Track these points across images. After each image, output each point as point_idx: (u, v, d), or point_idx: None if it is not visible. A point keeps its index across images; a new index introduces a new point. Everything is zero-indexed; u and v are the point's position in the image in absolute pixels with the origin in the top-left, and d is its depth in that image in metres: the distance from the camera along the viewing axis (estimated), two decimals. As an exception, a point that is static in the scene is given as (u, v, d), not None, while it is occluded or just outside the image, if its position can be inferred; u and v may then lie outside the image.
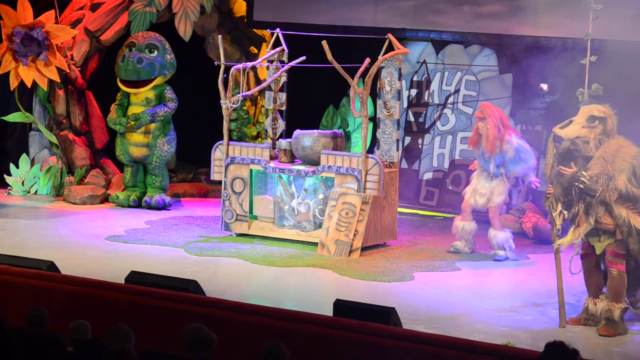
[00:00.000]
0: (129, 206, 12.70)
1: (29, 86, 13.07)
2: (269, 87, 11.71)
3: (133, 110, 12.79)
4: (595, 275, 8.40)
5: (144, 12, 13.46)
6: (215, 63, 11.56)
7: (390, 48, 10.91)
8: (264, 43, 14.02)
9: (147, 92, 12.80)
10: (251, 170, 11.30)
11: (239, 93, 11.36)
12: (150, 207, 12.64)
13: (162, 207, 12.68)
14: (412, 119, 13.15)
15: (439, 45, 13.03)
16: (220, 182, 11.67)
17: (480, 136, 10.61)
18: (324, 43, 10.44)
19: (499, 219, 10.74)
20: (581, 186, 8.10)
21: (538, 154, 12.32)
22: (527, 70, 12.35)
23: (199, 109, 13.12)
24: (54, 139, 13.40)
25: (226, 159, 11.35)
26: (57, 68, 13.02)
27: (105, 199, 13.00)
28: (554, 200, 8.29)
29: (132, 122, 12.65)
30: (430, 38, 12.90)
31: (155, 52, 12.90)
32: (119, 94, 12.89)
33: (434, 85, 12.98)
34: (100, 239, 10.98)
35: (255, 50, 14.17)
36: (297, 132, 11.23)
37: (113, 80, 12.88)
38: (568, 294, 8.47)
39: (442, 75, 13.02)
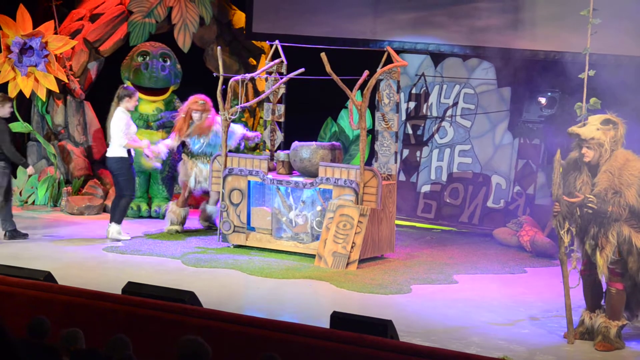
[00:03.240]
0: (140, 217, 12.71)
1: (28, 96, 13.09)
2: (267, 99, 11.72)
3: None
4: (594, 288, 8.37)
5: (143, 23, 13.49)
6: (214, 74, 11.58)
7: (389, 60, 10.93)
8: (262, 55, 14.05)
9: (159, 101, 12.91)
10: (249, 182, 11.31)
11: (237, 104, 11.37)
12: (159, 216, 12.68)
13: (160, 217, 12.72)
14: (410, 131, 13.16)
15: (437, 58, 13.05)
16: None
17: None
18: (323, 55, 10.46)
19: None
20: (590, 211, 8.04)
21: (536, 168, 12.33)
22: (525, 84, 12.37)
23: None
24: (52, 149, 13.40)
25: (224, 170, 11.35)
26: (56, 78, 13.04)
27: (102, 210, 13.00)
28: (561, 219, 8.24)
29: (153, 123, 12.78)
30: (428, 51, 12.93)
31: (169, 60, 13.00)
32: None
33: (433, 98, 12.99)
34: (97, 250, 10.97)
35: (254, 62, 14.19)
36: (295, 143, 11.23)
37: (112, 91, 12.87)
38: (563, 309, 8.45)
39: (440, 88, 13.03)
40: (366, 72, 10.63)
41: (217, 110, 11.55)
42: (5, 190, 11.35)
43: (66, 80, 13.24)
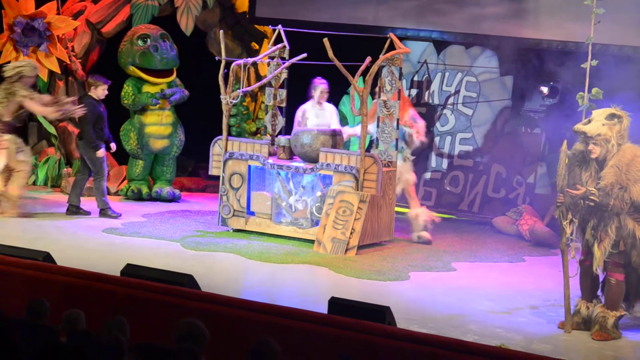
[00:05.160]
0: (141, 199, 12.67)
1: (29, 76, 13.06)
2: (269, 84, 11.71)
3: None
4: (592, 279, 8.38)
5: (146, 5, 13.47)
6: (216, 58, 11.55)
7: (392, 47, 10.91)
8: (265, 39, 14.02)
9: (164, 83, 12.88)
10: (249, 166, 11.30)
11: (239, 89, 11.35)
12: (160, 198, 12.67)
13: (172, 199, 12.73)
14: (411, 118, 13.13)
15: (440, 46, 13.03)
16: (218, 177, 11.67)
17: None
18: (326, 41, 10.44)
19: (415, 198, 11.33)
20: (592, 204, 8.04)
21: (537, 157, 12.31)
22: (527, 73, 12.35)
23: (198, 104, 13.12)
24: (52, 130, 13.39)
25: (225, 154, 11.34)
26: (58, 59, 13.02)
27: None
28: (565, 209, 8.24)
29: (163, 98, 12.75)
30: (431, 38, 12.91)
31: (168, 41, 12.97)
32: (127, 86, 12.77)
33: (435, 86, 12.98)
34: (97, 231, 10.97)
35: (257, 46, 14.17)
36: (297, 129, 11.22)
37: (113, 72, 12.85)
38: (561, 298, 8.46)
39: (442, 75, 13.02)
40: (368, 59, 10.61)
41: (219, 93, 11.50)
42: (96, 167, 11.59)
43: (68, 61, 13.22)
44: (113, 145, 11.92)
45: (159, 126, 12.80)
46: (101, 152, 11.64)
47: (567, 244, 8.27)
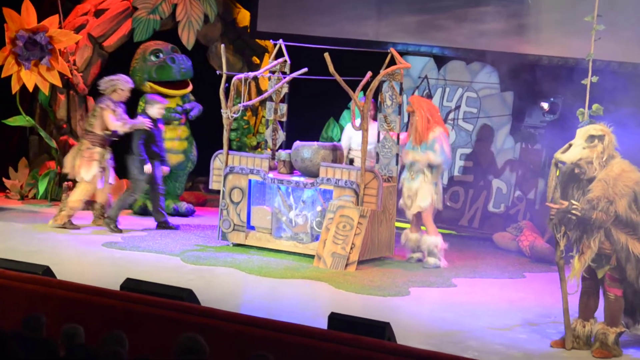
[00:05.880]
0: (147, 214, 12.60)
1: (31, 90, 13.08)
2: (270, 98, 11.72)
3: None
4: (593, 298, 8.36)
5: (148, 20, 13.49)
6: (217, 72, 11.57)
7: (393, 62, 10.92)
8: (266, 54, 14.05)
9: (178, 96, 12.88)
10: (250, 181, 11.30)
11: (240, 103, 11.37)
12: (179, 214, 12.67)
13: (189, 214, 12.72)
14: (412, 133, 13.14)
15: (440, 61, 13.05)
16: (218, 191, 11.67)
17: (412, 129, 10.85)
18: (327, 55, 10.46)
19: (432, 223, 10.87)
20: (574, 218, 8.05)
21: (537, 173, 12.30)
22: (528, 89, 12.36)
23: (199, 118, 13.13)
24: (53, 144, 13.40)
25: (225, 168, 11.35)
26: (59, 73, 13.04)
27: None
28: (558, 222, 8.23)
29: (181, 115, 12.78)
30: (432, 53, 12.92)
31: (178, 53, 13.00)
32: (144, 103, 12.70)
33: (435, 101, 12.98)
34: (96, 245, 10.97)
35: (258, 61, 14.20)
36: (297, 143, 11.23)
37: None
38: (561, 315, 8.43)
39: (443, 91, 13.03)
40: (369, 74, 10.63)
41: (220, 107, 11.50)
42: (134, 182, 11.78)
43: (69, 75, 13.24)
44: (166, 169, 12.01)
45: (175, 141, 12.77)
46: (148, 168, 11.71)
47: (562, 257, 8.27)
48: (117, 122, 11.71)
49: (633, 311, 8.37)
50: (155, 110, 11.88)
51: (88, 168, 11.70)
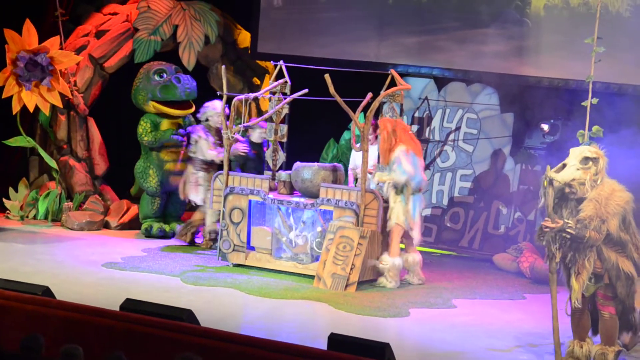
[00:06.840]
0: (151, 236, 12.58)
1: (31, 111, 13.11)
2: (270, 119, 11.74)
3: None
4: (584, 316, 8.35)
5: (149, 41, 13.53)
6: (218, 93, 11.60)
7: (393, 83, 10.95)
8: (266, 74, 14.09)
9: (179, 118, 12.86)
10: (250, 201, 11.31)
11: (240, 124, 11.38)
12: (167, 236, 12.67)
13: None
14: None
15: (441, 82, 13.08)
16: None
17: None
18: (327, 76, 10.49)
19: (395, 244, 10.70)
20: (568, 236, 8.05)
21: (537, 194, 12.30)
22: (528, 110, 12.39)
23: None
24: (54, 164, 13.41)
25: (225, 188, 11.36)
26: (60, 93, 13.07)
27: (103, 226, 12.98)
28: (554, 235, 8.24)
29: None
30: (432, 75, 12.96)
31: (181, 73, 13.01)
32: (145, 123, 12.73)
33: (435, 122, 13.01)
34: (96, 266, 10.96)
35: (258, 82, 14.23)
36: (297, 164, 11.24)
37: (115, 107, 12.90)
38: (563, 336, 8.43)
39: (443, 112, 13.06)
40: (370, 95, 10.65)
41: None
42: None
43: (70, 96, 13.27)
44: None
45: (177, 163, 12.76)
46: None
47: (557, 269, 8.22)
48: (212, 151, 11.99)
49: (628, 326, 8.33)
50: (257, 134, 12.04)
51: (195, 192, 12.10)
